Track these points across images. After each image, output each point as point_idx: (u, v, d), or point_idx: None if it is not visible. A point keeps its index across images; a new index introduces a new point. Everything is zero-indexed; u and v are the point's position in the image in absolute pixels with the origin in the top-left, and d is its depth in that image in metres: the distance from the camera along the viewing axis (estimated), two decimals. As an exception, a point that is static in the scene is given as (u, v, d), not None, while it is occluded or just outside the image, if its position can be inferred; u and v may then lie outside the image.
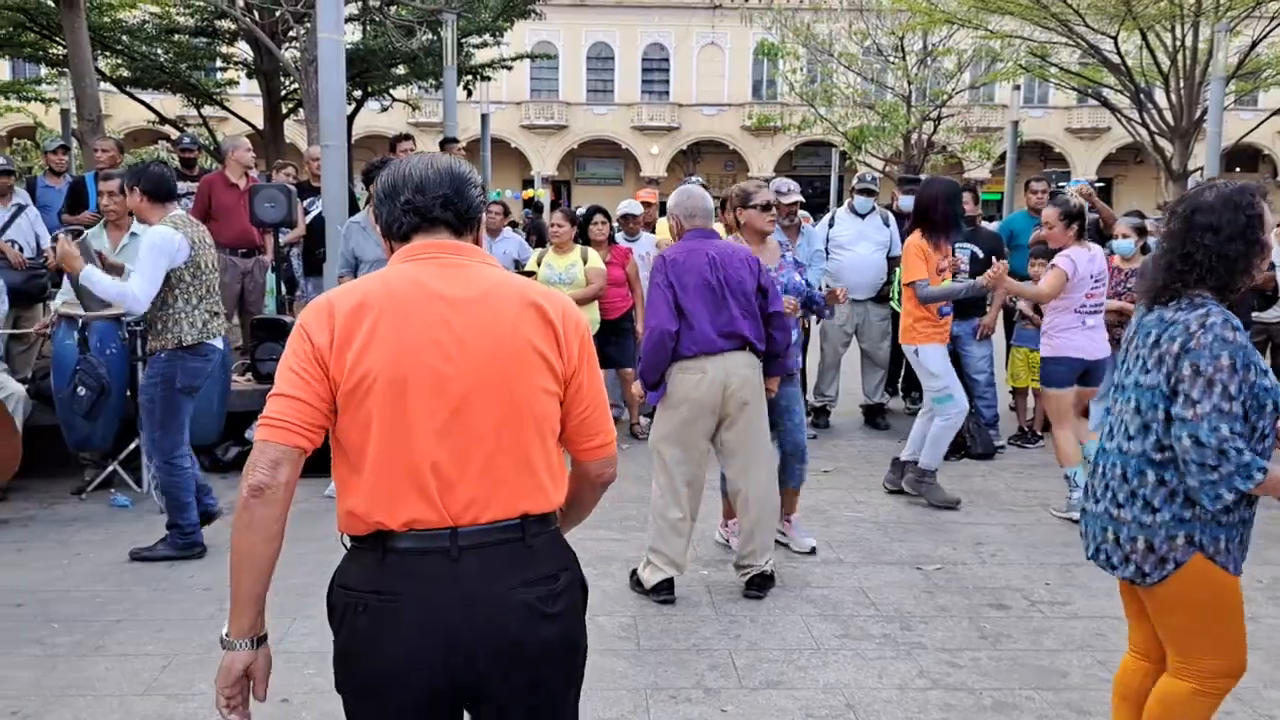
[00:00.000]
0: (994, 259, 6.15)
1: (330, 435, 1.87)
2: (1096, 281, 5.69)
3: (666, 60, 41.47)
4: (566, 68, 41.04)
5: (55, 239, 4.91)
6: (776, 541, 4.84)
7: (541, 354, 1.86)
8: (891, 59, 24.34)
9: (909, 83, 23.75)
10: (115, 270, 5.25)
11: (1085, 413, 6.06)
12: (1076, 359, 5.64)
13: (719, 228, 7.82)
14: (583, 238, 7.35)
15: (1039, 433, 7.40)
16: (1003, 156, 21.10)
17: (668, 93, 41.55)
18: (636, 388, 4.67)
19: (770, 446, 4.64)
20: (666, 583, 4.39)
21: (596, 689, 3.55)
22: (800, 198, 6.89)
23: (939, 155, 25.37)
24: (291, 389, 1.80)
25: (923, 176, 9.62)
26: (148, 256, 4.63)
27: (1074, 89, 24.20)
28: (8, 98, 20.26)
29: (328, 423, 1.83)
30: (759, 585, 4.46)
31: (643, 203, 8.39)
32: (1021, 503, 5.97)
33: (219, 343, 4.99)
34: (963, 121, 26.22)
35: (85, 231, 5.22)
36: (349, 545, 1.91)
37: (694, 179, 9.13)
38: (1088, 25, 17.66)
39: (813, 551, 4.99)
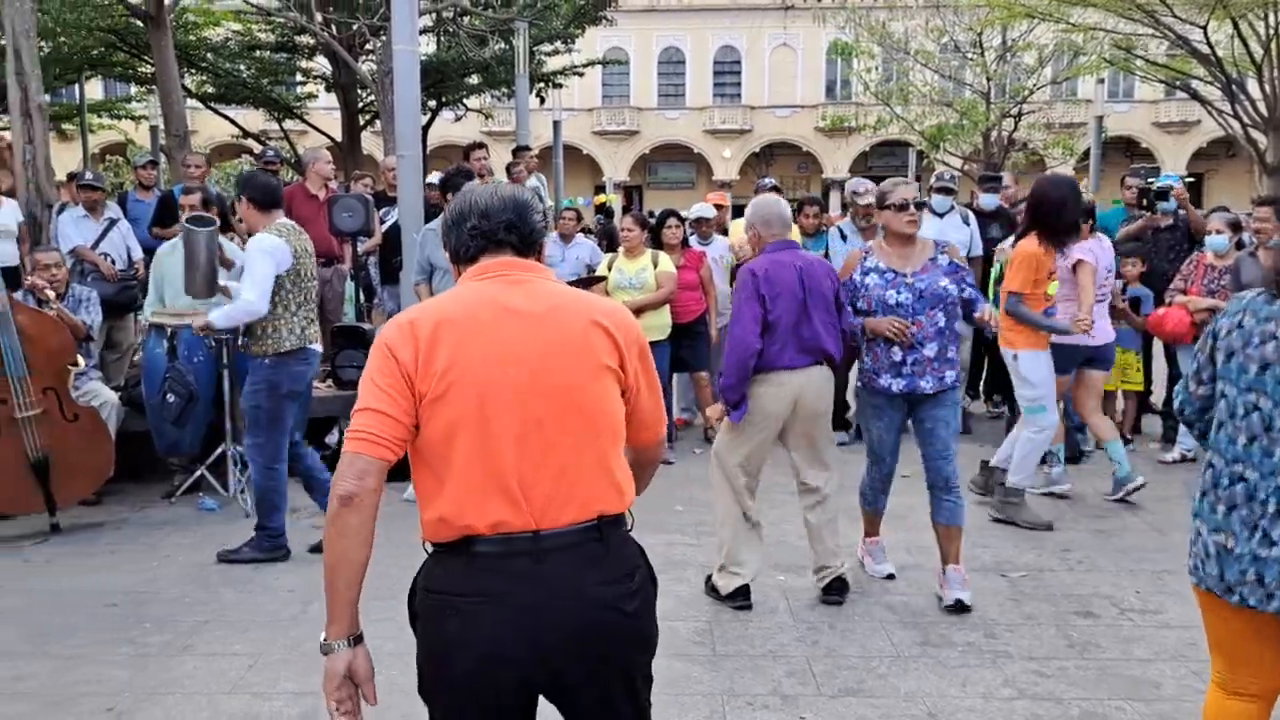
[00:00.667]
0: None
1: (410, 448, 1.96)
2: (1108, 271, 5.94)
3: (738, 63, 41.33)
4: (637, 73, 41.16)
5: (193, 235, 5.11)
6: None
7: (609, 368, 2.00)
8: (970, 55, 23.86)
9: (988, 79, 23.26)
10: (226, 265, 5.44)
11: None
12: (1084, 345, 5.72)
13: (793, 231, 7.81)
14: (655, 242, 7.34)
15: (1128, 436, 7.18)
16: (1086, 153, 20.55)
17: (739, 95, 41.40)
18: (716, 410, 4.57)
19: (836, 448, 4.56)
20: (743, 589, 4.35)
21: (671, 694, 3.53)
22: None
23: (1020, 153, 24.78)
24: (377, 404, 1.89)
25: (1004, 174, 9.40)
26: (256, 260, 4.74)
27: (1161, 82, 23.43)
28: (100, 116, 21.02)
29: (410, 436, 1.92)
30: (837, 590, 4.39)
31: (715, 205, 8.35)
32: (1110, 508, 5.79)
33: (317, 347, 5.09)
34: (1044, 118, 25.59)
35: (214, 226, 5.36)
36: (431, 550, 1.99)
37: (767, 181, 9.07)
38: (1175, 15, 17.11)
39: (959, 605, 4.30)
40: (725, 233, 8.23)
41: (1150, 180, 7.67)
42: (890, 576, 4.65)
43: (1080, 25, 19.14)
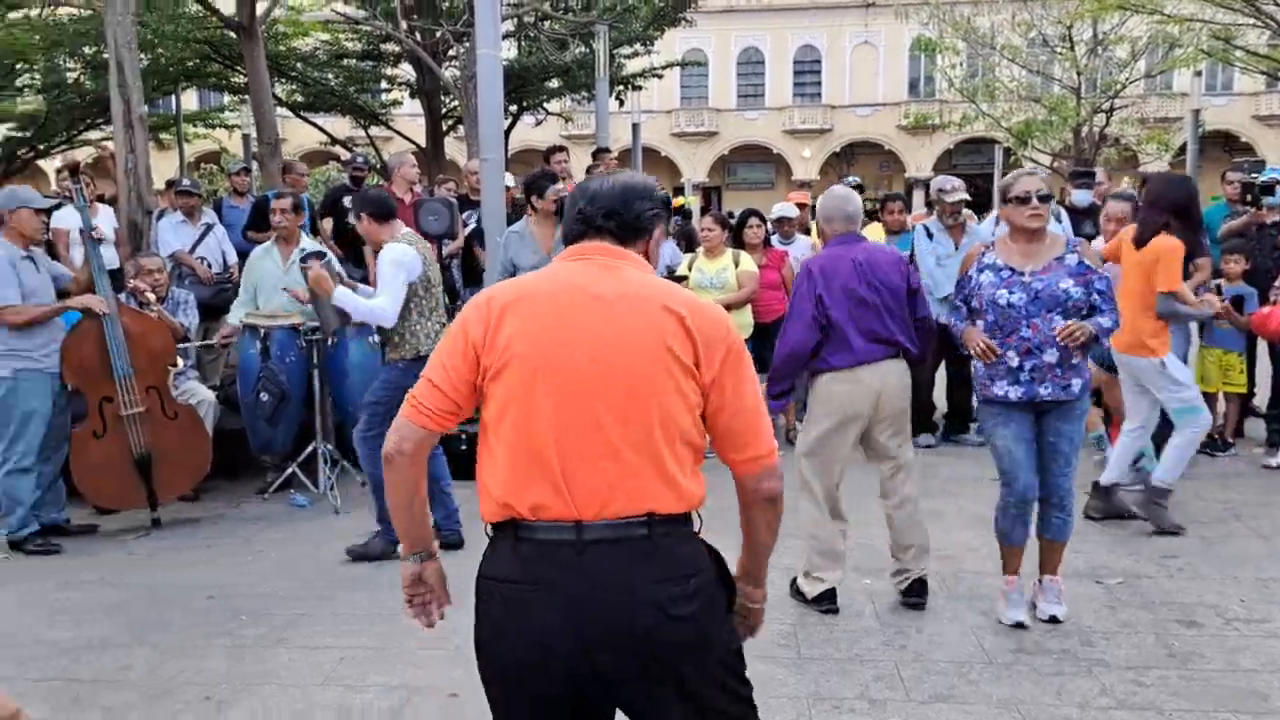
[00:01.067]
0: None
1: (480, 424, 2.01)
2: None
3: (818, 62, 40.94)
4: (716, 73, 41.06)
5: (306, 265, 5.19)
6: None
7: (676, 358, 1.90)
8: (1059, 49, 23.28)
9: (1078, 74, 22.66)
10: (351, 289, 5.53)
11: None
12: None
13: (876, 229, 7.71)
14: (736, 241, 7.31)
15: (1229, 440, 6.91)
16: (1183, 148, 19.87)
17: (820, 94, 41.01)
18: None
19: (911, 449, 4.44)
20: (829, 593, 4.29)
21: (756, 698, 3.49)
22: (965, 195, 6.66)
23: (1112, 149, 24.11)
24: (431, 374, 2.01)
25: (1097, 170, 9.15)
26: (390, 272, 4.82)
27: (1263, 73, 22.56)
28: (195, 125, 21.68)
29: (457, 409, 2.00)
30: (917, 592, 4.31)
31: (797, 204, 8.29)
32: (1213, 514, 5.58)
33: None
34: (1138, 112, 24.84)
35: (329, 256, 5.52)
36: (489, 535, 2.01)
37: (850, 180, 8.97)
38: (1277, 4, 16.46)
39: (1052, 620, 4.10)
40: (808, 232, 8.16)
41: (1254, 175, 7.38)
42: (1020, 625, 4.08)
43: (1176, 17, 18.52)
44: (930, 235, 7.12)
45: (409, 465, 2.03)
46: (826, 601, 4.28)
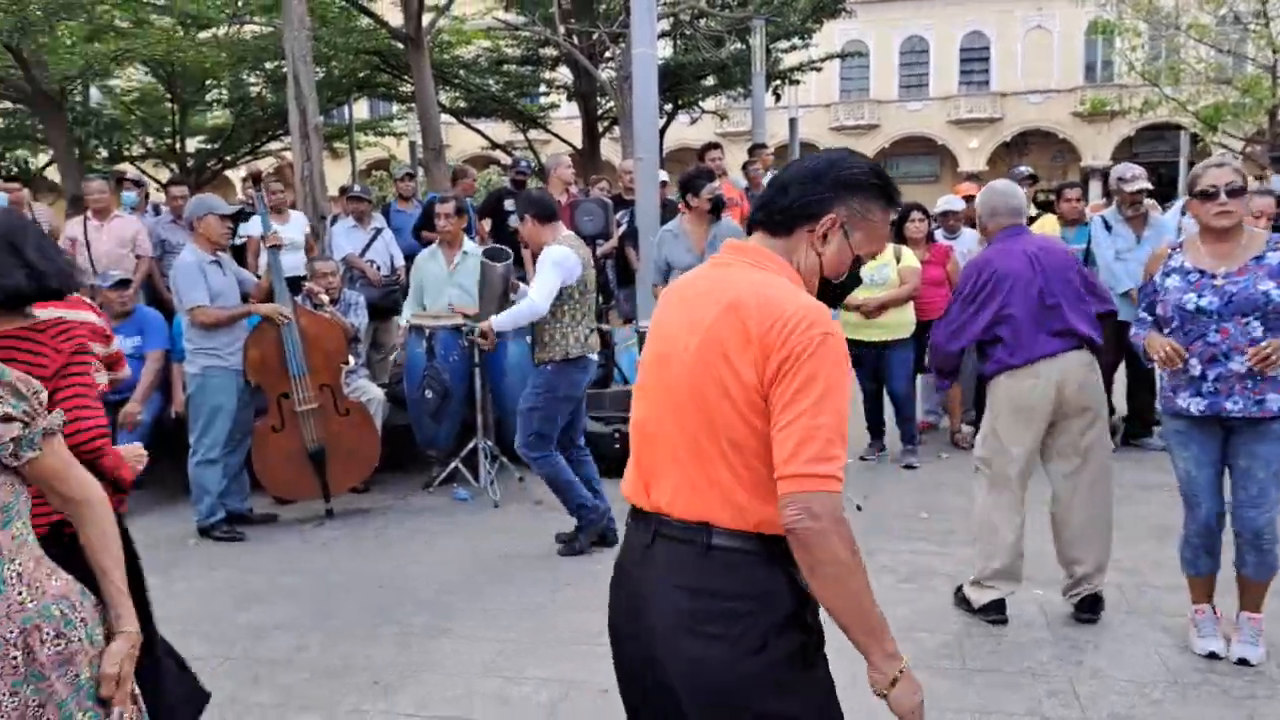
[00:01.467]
0: None
1: None
2: None
3: (987, 49, 39.47)
4: (878, 65, 40.15)
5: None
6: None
7: (728, 360, 1.74)
8: (1252, 27, 21.70)
9: (1274, 52, 21.06)
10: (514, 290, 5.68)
11: None
12: None
13: (1050, 220, 7.34)
14: (898, 237, 7.10)
15: None
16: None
17: (988, 83, 39.52)
18: (955, 391, 4.35)
19: (1109, 460, 4.15)
20: (997, 603, 4.09)
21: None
22: (1146, 184, 6.26)
23: (1312, 131, 22.30)
24: None
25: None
26: (547, 269, 4.93)
27: None
28: (366, 134, 22.73)
29: None
30: (1089, 608, 4.05)
31: (965, 197, 7.98)
32: None
33: (596, 356, 5.26)
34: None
35: (509, 259, 5.69)
36: None
37: (1021, 170, 8.58)
38: None
39: (1242, 662, 3.66)
40: (975, 225, 7.85)
41: None
42: (1213, 655, 3.72)
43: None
44: (1109, 227, 6.72)
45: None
46: (994, 612, 4.09)
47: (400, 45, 13.92)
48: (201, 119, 20.63)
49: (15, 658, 1.72)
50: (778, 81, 18.47)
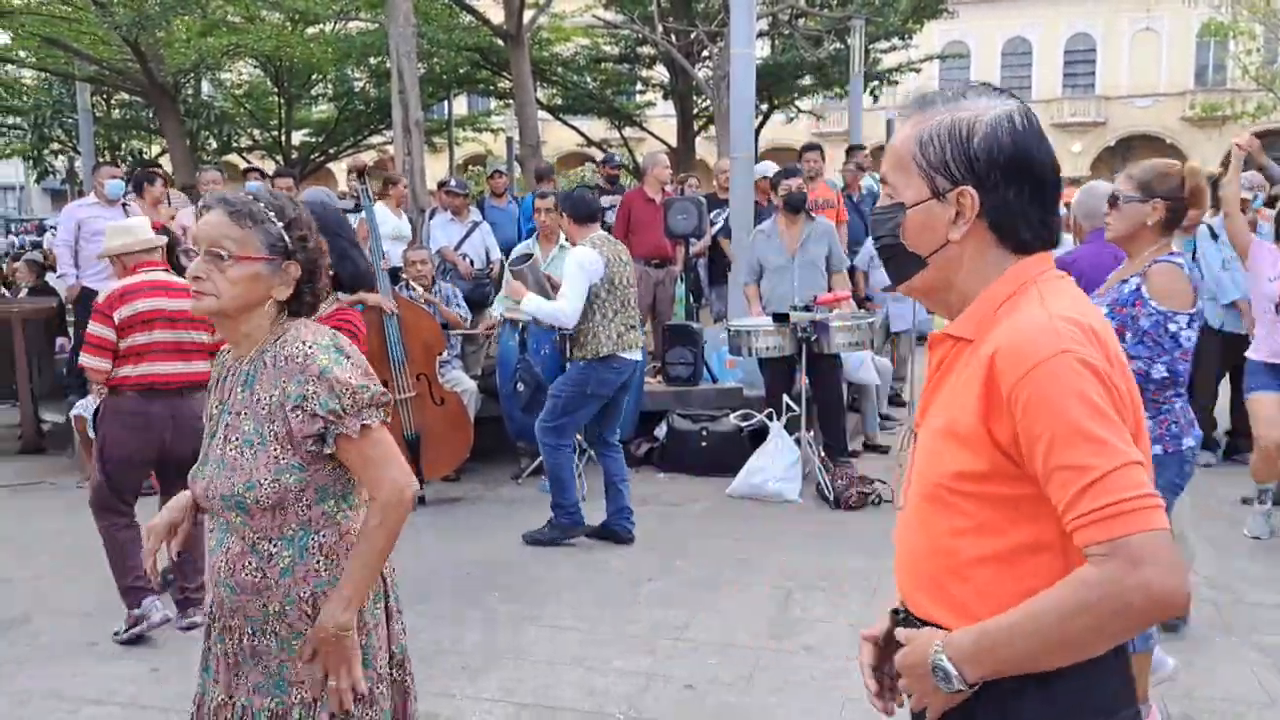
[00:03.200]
0: None
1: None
2: None
3: (1092, 51, 38.36)
4: (979, 67, 39.28)
5: (517, 269, 5.51)
6: None
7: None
8: (1376, 29, 20.74)
9: (1399, 55, 20.10)
10: (555, 287, 5.78)
11: None
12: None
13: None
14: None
15: None
16: None
17: (1093, 86, 38.41)
18: None
19: None
20: None
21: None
22: (1256, 192, 6.04)
23: None
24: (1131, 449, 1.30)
25: None
26: (574, 275, 5.06)
27: None
28: (464, 129, 23.14)
29: None
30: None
31: (1064, 203, 7.81)
32: None
33: (634, 354, 5.30)
34: None
35: (535, 256, 5.82)
36: None
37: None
38: None
39: None
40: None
41: None
42: None
43: None
44: (1215, 236, 6.52)
45: None
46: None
47: (501, 42, 14.16)
48: (307, 113, 21.26)
49: (306, 612, 1.99)
50: (875, 82, 18.26)
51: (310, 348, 1.94)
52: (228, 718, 2.04)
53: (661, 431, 6.91)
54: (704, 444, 6.58)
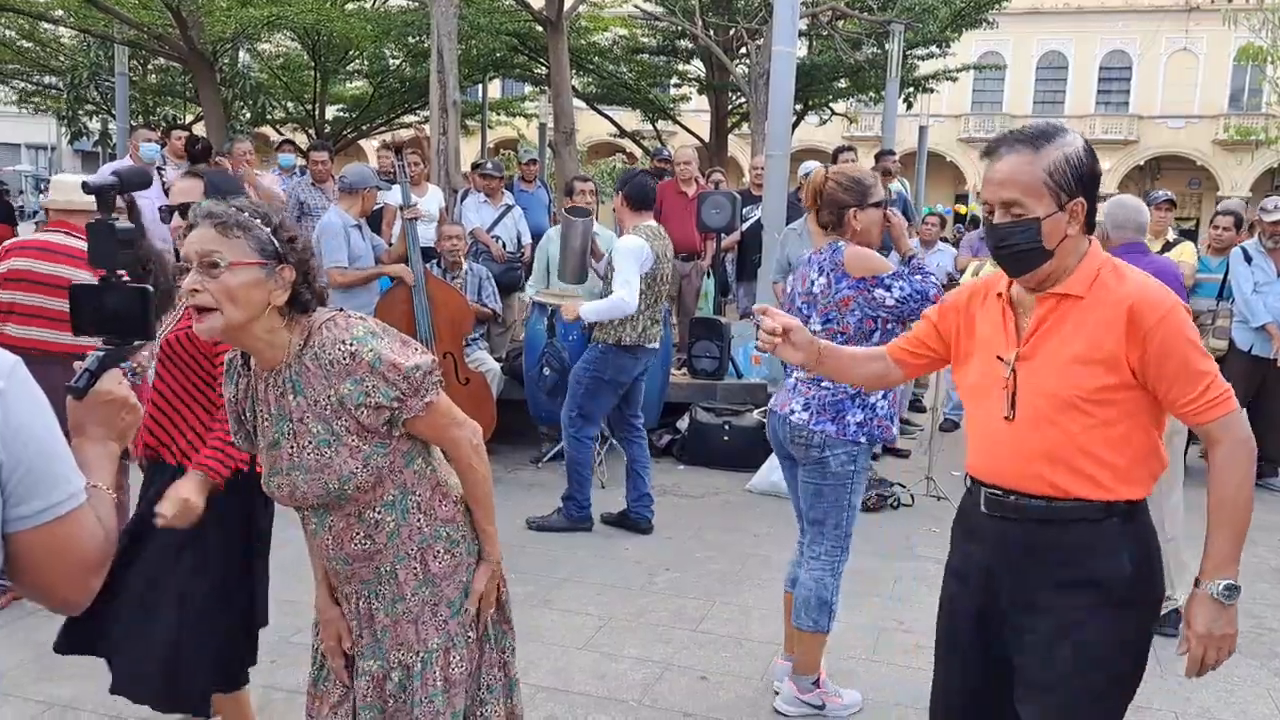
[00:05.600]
0: None
1: None
2: None
3: (1128, 69, 38.10)
4: (1014, 78, 39.09)
5: (570, 216, 5.51)
6: None
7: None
8: None
9: None
10: (597, 256, 5.77)
11: None
12: None
13: (1188, 249, 7.11)
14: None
15: None
16: None
17: (1127, 104, 38.16)
18: None
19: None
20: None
21: None
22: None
23: None
24: None
25: None
26: (625, 262, 5.03)
27: None
28: (498, 113, 23.16)
29: None
30: (1174, 623, 3.93)
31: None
32: None
33: (654, 346, 5.32)
34: None
35: (589, 215, 5.76)
36: None
37: (1159, 194, 8.29)
38: None
39: None
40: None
41: None
42: None
43: None
44: (1249, 259, 6.49)
45: None
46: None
47: (540, 28, 14.17)
48: (341, 88, 21.31)
49: (415, 568, 2.15)
50: (911, 89, 18.19)
51: (351, 345, 1.97)
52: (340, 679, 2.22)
53: (684, 424, 6.92)
54: (726, 439, 6.60)
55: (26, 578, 1.27)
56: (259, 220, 1.97)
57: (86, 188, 1.84)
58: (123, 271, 1.65)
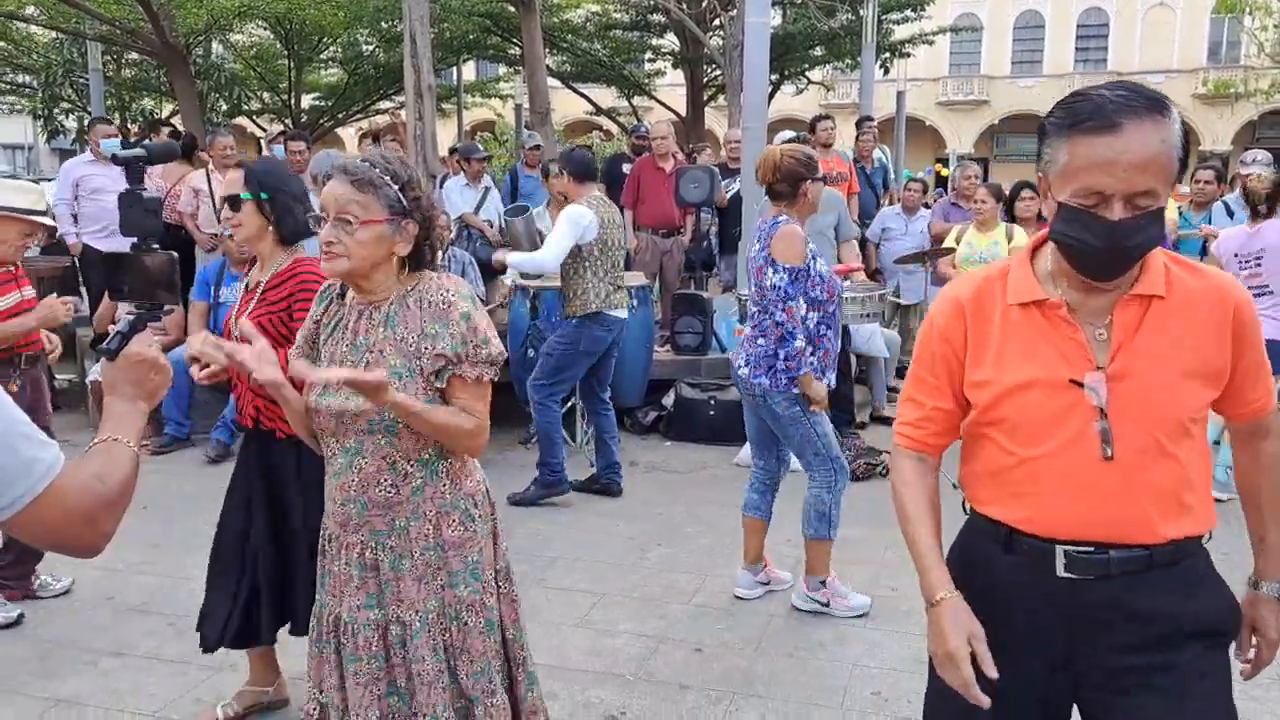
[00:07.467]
0: None
1: None
2: (1246, 261, 5.15)
3: (1105, 26, 38.04)
4: (990, 39, 39.02)
5: (510, 219, 5.60)
6: None
7: None
8: (1395, 6, 20.53)
9: None
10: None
11: None
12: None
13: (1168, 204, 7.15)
14: (1009, 215, 6.99)
15: None
16: None
17: (1105, 61, 38.11)
18: None
19: None
20: None
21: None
22: (1269, 169, 6.02)
23: None
24: None
25: None
26: (561, 226, 5.22)
27: None
28: (473, 96, 23.03)
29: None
30: None
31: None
32: None
33: (620, 313, 5.43)
34: None
35: (531, 210, 5.86)
36: None
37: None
38: None
39: None
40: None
41: None
42: None
43: None
44: (1230, 213, 6.53)
45: None
46: None
47: (512, 8, 14.07)
48: (316, 76, 21.15)
49: (428, 530, 2.23)
50: (887, 54, 18.16)
51: (454, 296, 2.17)
52: (339, 629, 2.28)
53: (669, 400, 6.94)
54: (712, 413, 6.62)
55: (36, 544, 1.40)
56: (389, 178, 2.14)
57: (116, 159, 1.94)
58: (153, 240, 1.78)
